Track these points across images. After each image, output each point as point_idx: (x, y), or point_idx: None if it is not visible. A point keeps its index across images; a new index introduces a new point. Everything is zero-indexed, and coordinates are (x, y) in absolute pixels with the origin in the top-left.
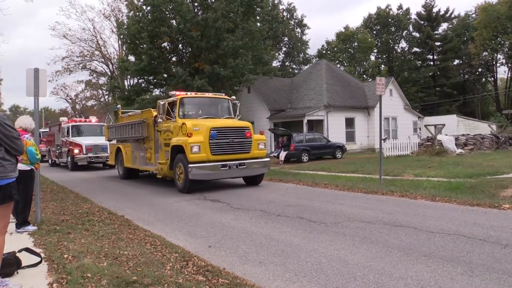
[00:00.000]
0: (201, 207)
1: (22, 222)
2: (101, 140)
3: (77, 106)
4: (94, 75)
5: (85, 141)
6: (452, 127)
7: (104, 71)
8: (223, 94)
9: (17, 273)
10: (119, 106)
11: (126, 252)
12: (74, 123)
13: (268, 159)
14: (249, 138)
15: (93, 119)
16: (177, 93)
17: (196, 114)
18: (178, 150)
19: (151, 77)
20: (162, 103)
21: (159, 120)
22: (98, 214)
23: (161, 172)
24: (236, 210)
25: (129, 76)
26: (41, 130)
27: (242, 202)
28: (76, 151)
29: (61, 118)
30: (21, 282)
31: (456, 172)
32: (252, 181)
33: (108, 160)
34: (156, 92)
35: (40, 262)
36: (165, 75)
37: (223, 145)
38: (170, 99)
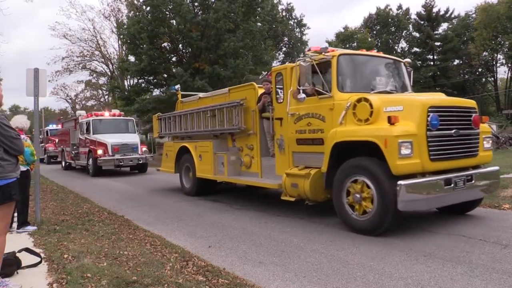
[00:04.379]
0: (201, 207)
1: (22, 223)
2: (129, 138)
3: (77, 106)
4: (94, 75)
5: (110, 139)
6: None
7: (104, 71)
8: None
9: (17, 273)
10: (177, 86)
11: (126, 252)
12: (95, 117)
13: (497, 167)
14: (477, 128)
15: (117, 112)
16: (331, 48)
17: (360, 85)
18: (343, 151)
19: (151, 78)
20: (305, 64)
21: (301, 96)
22: (98, 214)
23: (292, 191)
24: (236, 210)
25: (129, 76)
26: (48, 128)
27: (242, 202)
28: (99, 151)
29: (78, 112)
30: (21, 282)
31: None
32: (463, 207)
33: (156, 166)
34: (156, 92)
35: (40, 262)
36: (165, 75)
37: (446, 142)
38: (317, 57)
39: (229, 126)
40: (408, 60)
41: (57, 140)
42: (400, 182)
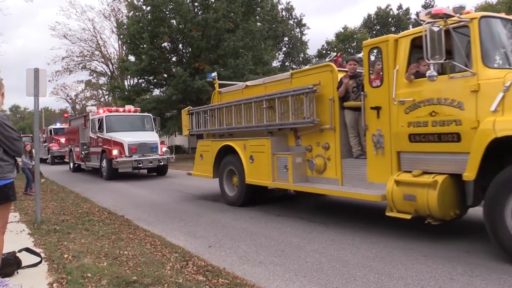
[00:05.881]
0: (201, 207)
1: None
2: (148, 136)
3: (77, 106)
4: (94, 75)
5: (126, 137)
6: None
7: (104, 71)
8: None
9: (17, 273)
10: (214, 74)
11: (126, 252)
12: (109, 114)
13: None
14: None
15: (132, 108)
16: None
17: (508, 59)
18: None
19: (151, 77)
20: (437, 30)
21: (431, 74)
22: (98, 214)
23: (406, 206)
24: (236, 210)
25: (129, 76)
26: (53, 126)
27: None
28: (115, 152)
29: (89, 108)
30: (21, 282)
31: None
32: None
33: (176, 167)
34: (156, 92)
35: (40, 262)
36: (165, 75)
37: None
38: (451, 20)
39: (295, 119)
40: None
41: (61, 140)
42: None
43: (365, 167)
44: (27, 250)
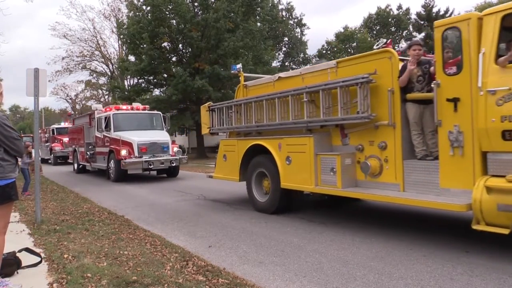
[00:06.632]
0: (201, 207)
1: None
2: (158, 136)
3: (77, 106)
4: (94, 75)
5: (135, 137)
6: None
7: (104, 71)
8: None
9: (17, 273)
10: (239, 66)
11: (126, 252)
12: (116, 111)
13: None
14: None
15: (140, 106)
16: None
17: None
18: None
19: (151, 77)
20: None
21: None
22: (98, 214)
23: (503, 218)
24: (236, 210)
25: (129, 76)
26: (55, 126)
27: (243, 202)
28: (123, 152)
29: (94, 106)
30: (21, 282)
31: None
32: None
33: (208, 173)
34: (156, 92)
35: (40, 262)
36: (165, 75)
37: None
38: None
39: (345, 114)
40: None
41: (64, 139)
42: None
43: (435, 171)
44: (27, 250)
